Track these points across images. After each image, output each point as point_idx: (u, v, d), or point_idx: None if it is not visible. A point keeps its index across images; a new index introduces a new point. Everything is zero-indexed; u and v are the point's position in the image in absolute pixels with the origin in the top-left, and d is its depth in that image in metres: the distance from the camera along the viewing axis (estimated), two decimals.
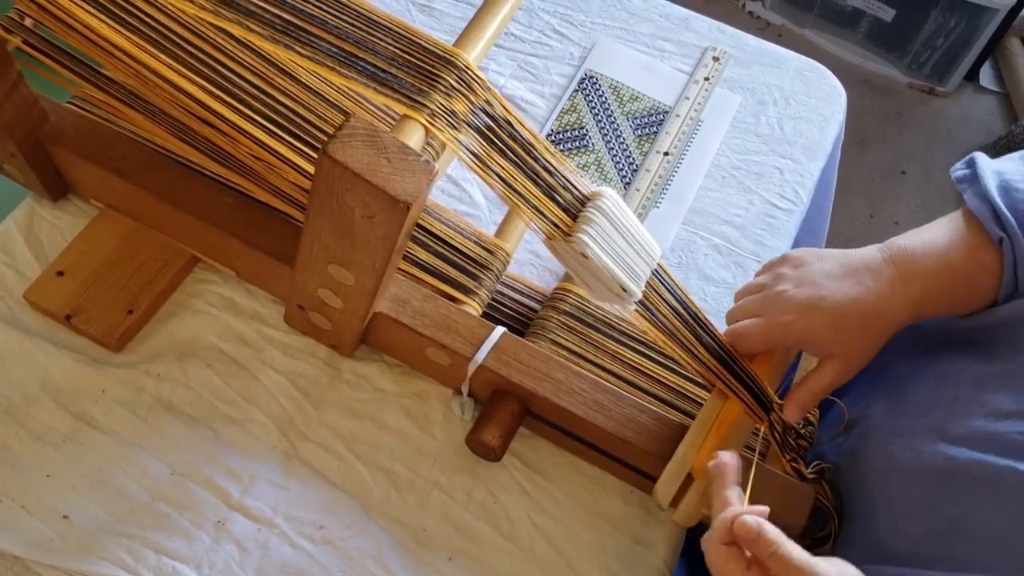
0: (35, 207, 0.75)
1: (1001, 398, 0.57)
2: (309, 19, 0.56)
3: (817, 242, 1.05)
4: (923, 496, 0.58)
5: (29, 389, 0.68)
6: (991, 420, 0.56)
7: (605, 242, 0.59)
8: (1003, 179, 0.62)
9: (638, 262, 0.61)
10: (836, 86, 0.97)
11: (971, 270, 0.61)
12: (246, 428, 0.68)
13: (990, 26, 1.75)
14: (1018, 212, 0.60)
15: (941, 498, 0.57)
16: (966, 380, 0.61)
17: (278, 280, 0.70)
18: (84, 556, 0.62)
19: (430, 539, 0.66)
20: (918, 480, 0.59)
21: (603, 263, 0.58)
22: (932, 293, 0.60)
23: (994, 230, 0.60)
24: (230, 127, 0.60)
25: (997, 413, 0.56)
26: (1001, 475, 0.53)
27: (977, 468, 0.55)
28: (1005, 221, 0.60)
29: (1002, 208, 0.60)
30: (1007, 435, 0.55)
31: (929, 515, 0.57)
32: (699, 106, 0.92)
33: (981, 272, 0.61)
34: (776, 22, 2.01)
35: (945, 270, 0.61)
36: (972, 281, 0.61)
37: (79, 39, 0.59)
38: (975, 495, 0.55)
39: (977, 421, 0.57)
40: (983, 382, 0.59)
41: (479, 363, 0.66)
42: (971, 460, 0.55)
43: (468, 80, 0.56)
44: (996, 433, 0.55)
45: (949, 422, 0.59)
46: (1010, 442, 0.54)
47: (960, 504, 0.55)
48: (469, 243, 0.74)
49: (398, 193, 0.50)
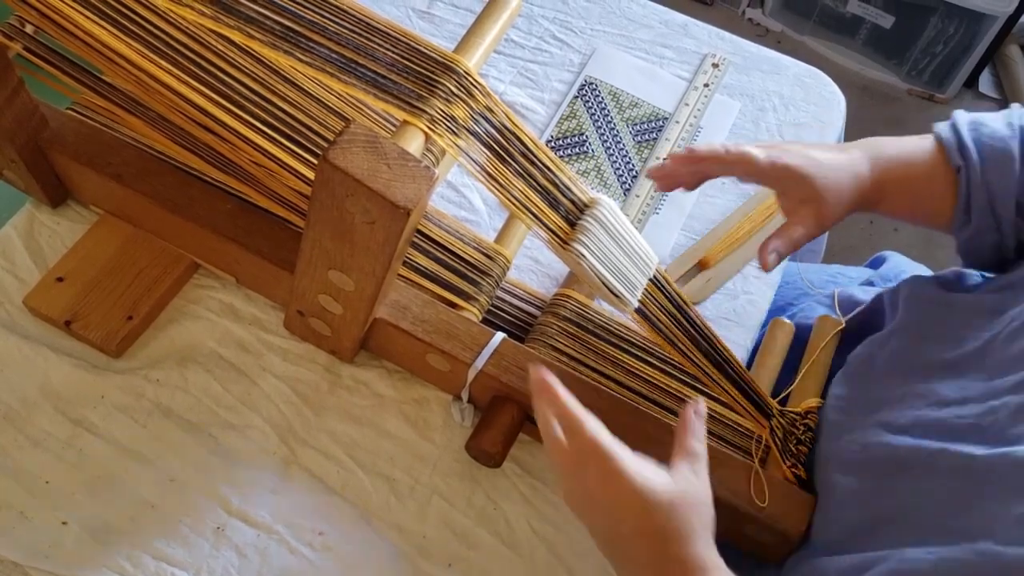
0: (35, 213, 0.75)
1: (946, 387, 0.59)
2: (309, 25, 0.56)
3: (816, 248, 1.05)
4: (867, 486, 0.59)
5: (28, 395, 0.68)
6: (934, 409, 0.58)
7: (600, 252, 0.59)
8: (974, 118, 0.66)
9: (634, 272, 0.62)
10: (835, 93, 0.97)
11: (930, 178, 0.65)
12: (246, 434, 0.68)
13: (989, 33, 1.76)
14: (981, 144, 0.63)
15: (882, 487, 0.58)
16: (915, 374, 0.62)
17: (278, 286, 0.70)
18: (83, 562, 0.62)
19: (430, 546, 0.66)
20: (860, 471, 0.60)
21: (598, 273, 0.58)
22: (893, 176, 0.65)
23: (955, 157, 0.64)
24: (230, 133, 0.60)
25: (940, 402, 0.58)
26: (935, 457, 0.55)
27: (914, 454, 0.56)
28: (966, 152, 0.63)
29: (966, 139, 0.63)
30: (946, 420, 0.56)
31: (868, 505, 0.58)
32: (699, 112, 0.92)
33: (938, 187, 0.65)
34: (775, 29, 2.01)
35: (905, 164, 0.66)
36: (930, 188, 0.65)
37: (79, 45, 0.59)
38: (913, 479, 0.56)
39: (921, 411, 0.59)
40: (931, 374, 0.61)
41: (479, 369, 0.66)
42: (910, 447, 0.57)
43: (468, 86, 0.56)
44: (936, 420, 0.57)
45: (895, 414, 0.60)
46: (946, 426, 0.56)
47: (899, 490, 0.56)
48: (469, 249, 0.74)
49: (398, 199, 0.51)
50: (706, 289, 0.81)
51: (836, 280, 0.87)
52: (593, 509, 0.52)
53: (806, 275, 0.88)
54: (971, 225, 0.64)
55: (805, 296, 0.86)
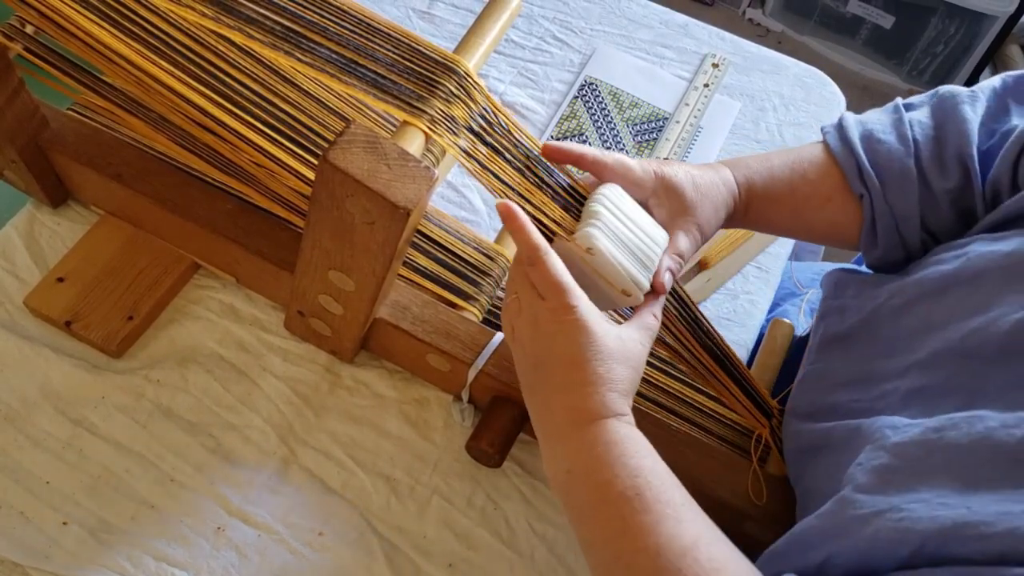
0: (35, 213, 0.75)
1: (837, 363, 0.60)
2: (310, 26, 0.56)
3: (816, 248, 1.05)
4: (800, 473, 0.61)
5: (29, 395, 0.68)
6: (828, 392, 0.60)
7: (612, 233, 0.57)
8: (866, 128, 0.64)
9: (645, 250, 0.59)
10: (836, 93, 0.97)
11: (828, 198, 0.64)
12: (246, 434, 0.68)
13: (989, 33, 1.76)
14: (879, 168, 0.62)
15: (799, 473, 0.60)
16: (811, 353, 0.64)
17: (278, 286, 0.70)
18: (83, 563, 0.62)
19: (430, 546, 0.66)
20: (793, 462, 0.62)
21: (612, 255, 0.55)
22: (759, 183, 0.65)
23: (856, 185, 0.63)
24: (231, 133, 0.60)
25: (836, 383, 0.60)
26: (827, 434, 0.57)
27: (815, 435, 0.58)
28: (867, 177, 0.62)
29: (864, 162, 0.62)
30: (839, 404, 0.58)
31: (815, 491, 0.58)
32: (699, 112, 0.92)
33: (837, 209, 0.64)
34: (776, 29, 2.01)
35: (788, 178, 0.65)
36: (827, 208, 0.64)
37: (80, 46, 0.59)
38: (817, 459, 0.57)
39: (821, 395, 0.60)
40: (826, 350, 0.63)
41: (479, 369, 0.66)
42: (812, 430, 0.59)
43: (468, 87, 0.56)
44: (833, 404, 0.59)
45: (802, 400, 0.62)
46: (839, 407, 0.58)
47: (808, 473, 0.59)
48: (469, 249, 0.74)
49: (398, 199, 0.51)
50: (706, 289, 0.82)
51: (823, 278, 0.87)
52: (534, 334, 0.54)
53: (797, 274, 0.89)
54: (879, 247, 0.63)
55: (792, 296, 0.86)
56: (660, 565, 0.46)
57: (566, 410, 0.53)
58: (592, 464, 0.51)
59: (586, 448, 0.51)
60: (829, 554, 0.46)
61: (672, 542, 0.47)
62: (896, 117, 0.64)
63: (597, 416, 0.51)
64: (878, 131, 0.63)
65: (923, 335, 0.54)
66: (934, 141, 0.61)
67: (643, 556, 0.47)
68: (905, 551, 0.43)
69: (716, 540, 0.48)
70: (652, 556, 0.46)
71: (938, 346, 0.52)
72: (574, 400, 0.52)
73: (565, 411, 0.53)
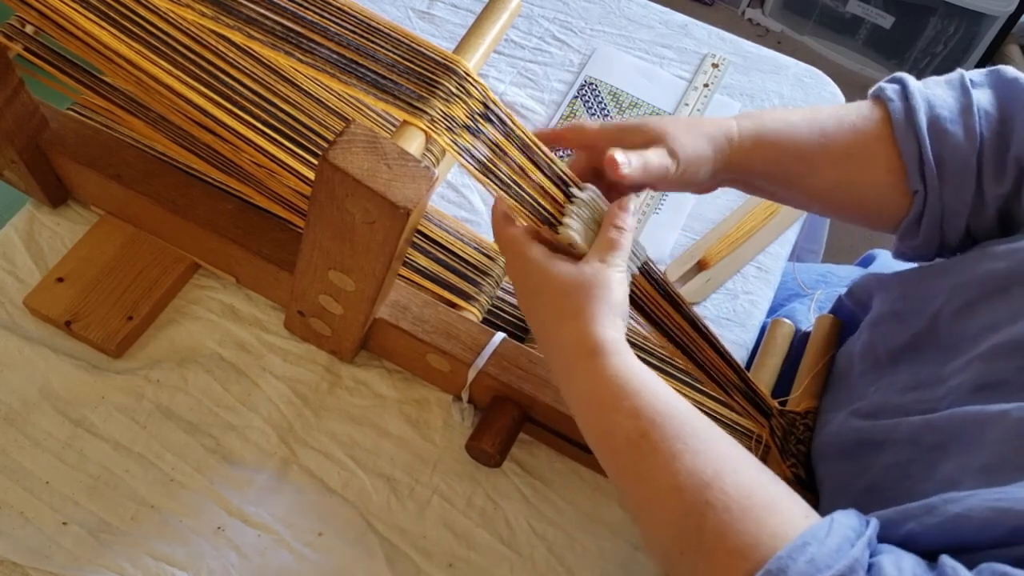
0: (35, 213, 0.75)
1: (906, 373, 0.59)
2: (310, 26, 0.56)
3: (816, 248, 1.05)
4: (845, 470, 0.60)
5: (29, 395, 0.68)
6: (897, 395, 0.59)
7: (585, 224, 0.57)
8: (933, 111, 0.60)
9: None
10: (835, 93, 0.97)
11: (873, 185, 0.61)
12: (246, 435, 0.68)
13: (989, 33, 1.76)
14: (943, 163, 0.58)
15: (855, 468, 0.59)
16: (880, 364, 0.63)
17: (278, 286, 0.70)
18: (83, 563, 0.62)
19: (430, 546, 0.66)
20: (838, 459, 0.61)
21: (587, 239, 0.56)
22: (766, 132, 0.62)
23: (915, 181, 0.59)
24: (231, 133, 0.60)
25: (904, 388, 0.59)
26: (891, 430, 0.56)
27: (876, 429, 0.57)
28: (927, 171, 0.59)
29: (927, 154, 0.58)
30: (907, 405, 0.57)
31: (847, 489, 0.58)
32: (699, 112, 0.92)
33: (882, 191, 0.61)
34: (775, 29, 2.01)
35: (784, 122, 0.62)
36: (874, 190, 0.61)
37: (80, 46, 0.59)
38: (877, 454, 0.56)
39: (885, 398, 0.60)
40: (894, 361, 0.62)
41: (479, 369, 0.66)
42: (873, 426, 0.58)
43: (468, 86, 0.56)
44: (898, 404, 0.58)
45: (863, 404, 0.61)
46: (906, 409, 0.57)
47: (869, 468, 0.57)
48: (469, 249, 0.74)
49: (398, 199, 0.51)
50: (706, 289, 0.82)
51: (826, 279, 0.87)
52: (521, 298, 0.57)
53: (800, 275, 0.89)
54: (919, 237, 0.62)
55: (796, 296, 0.86)
56: (686, 501, 0.45)
57: (550, 357, 0.55)
58: (590, 415, 0.52)
59: (578, 396, 0.52)
60: (910, 531, 0.45)
61: (691, 478, 0.45)
62: (965, 102, 0.60)
63: (579, 355, 0.52)
64: (945, 118, 0.59)
65: (988, 333, 0.54)
66: (998, 138, 0.58)
67: (665, 497, 0.46)
68: (1000, 531, 0.42)
69: (741, 466, 0.47)
70: (674, 496, 0.45)
71: (1002, 339, 0.52)
72: (552, 346, 0.54)
73: (551, 357, 0.55)
